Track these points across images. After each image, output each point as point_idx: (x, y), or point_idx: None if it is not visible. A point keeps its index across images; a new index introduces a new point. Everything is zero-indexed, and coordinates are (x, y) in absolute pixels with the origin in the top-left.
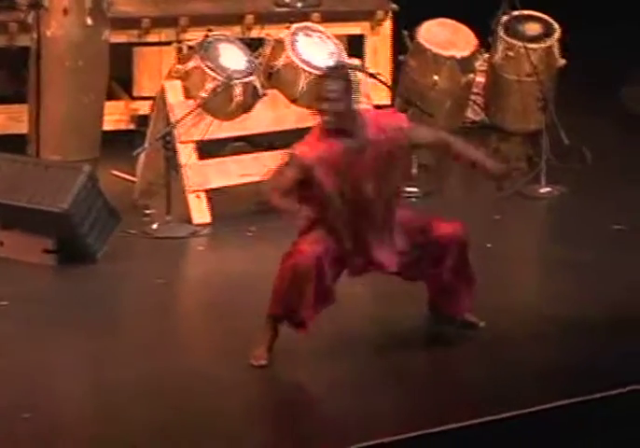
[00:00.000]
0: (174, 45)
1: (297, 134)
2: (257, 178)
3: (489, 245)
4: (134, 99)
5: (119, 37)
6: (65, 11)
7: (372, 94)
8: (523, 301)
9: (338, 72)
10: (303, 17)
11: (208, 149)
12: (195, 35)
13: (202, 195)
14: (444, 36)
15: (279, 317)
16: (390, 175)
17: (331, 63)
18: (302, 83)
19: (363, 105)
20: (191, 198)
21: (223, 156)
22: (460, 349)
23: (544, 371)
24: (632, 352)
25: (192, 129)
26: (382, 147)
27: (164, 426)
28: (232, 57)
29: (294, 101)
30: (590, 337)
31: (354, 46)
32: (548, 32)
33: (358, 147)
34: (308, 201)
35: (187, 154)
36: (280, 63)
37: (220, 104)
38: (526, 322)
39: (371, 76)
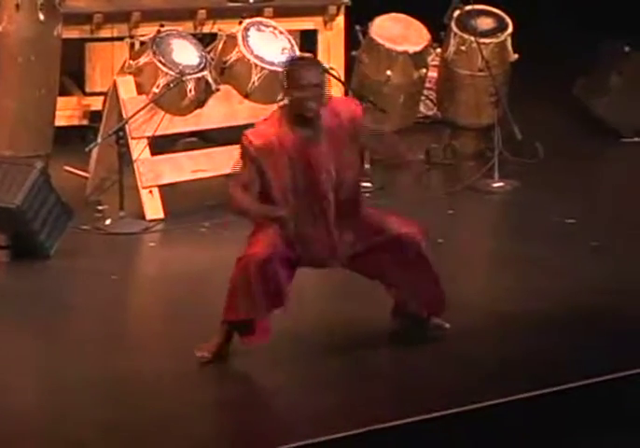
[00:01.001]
0: (127, 40)
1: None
2: (209, 174)
3: (440, 241)
4: (87, 95)
5: (72, 33)
6: (17, 7)
7: None
8: (472, 297)
9: (312, 60)
10: (256, 12)
11: (161, 145)
12: (147, 31)
13: (155, 191)
14: (397, 31)
15: (233, 324)
16: (345, 164)
17: (284, 57)
18: (255, 78)
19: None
20: (144, 194)
21: (176, 152)
22: (412, 345)
23: (490, 366)
24: (580, 346)
25: (145, 124)
26: (337, 134)
27: (114, 424)
28: (185, 52)
29: (246, 96)
30: (537, 332)
31: (307, 41)
32: (500, 26)
33: (313, 135)
34: (263, 193)
35: (139, 150)
36: (232, 58)
37: (173, 99)
38: (474, 318)
39: (325, 71)
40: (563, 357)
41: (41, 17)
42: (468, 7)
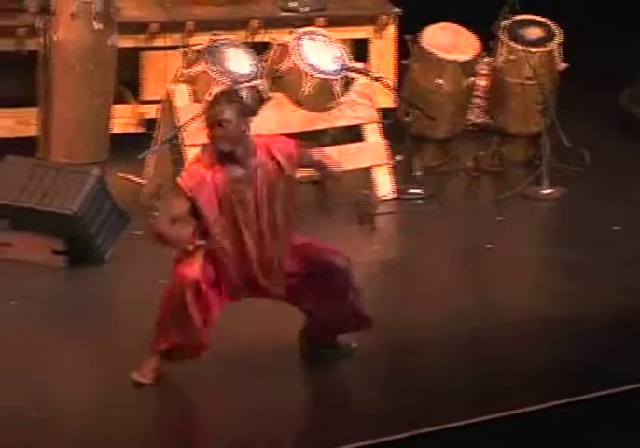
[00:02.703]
0: (181, 49)
1: (301, 137)
2: None
3: (489, 246)
4: (142, 103)
5: (127, 42)
6: (73, 16)
7: (376, 98)
8: (518, 301)
9: (230, 96)
10: (308, 21)
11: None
12: (201, 40)
13: None
14: (447, 40)
15: (166, 353)
16: (277, 203)
17: (337, 66)
18: (307, 87)
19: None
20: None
21: None
22: (454, 349)
23: (533, 370)
24: (624, 352)
25: (198, 132)
26: (269, 175)
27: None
28: (238, 61)
29: (299, 104)
30: (582, 337)
31: (359, 50)
32: (549, 36)
33: (245, 174)
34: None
35: (193, 156)
36: (285, 66)
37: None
38: (519, 322)
39: (375, 79)
40: (606, 363)
41: (96, 26)
42: (517, 17)
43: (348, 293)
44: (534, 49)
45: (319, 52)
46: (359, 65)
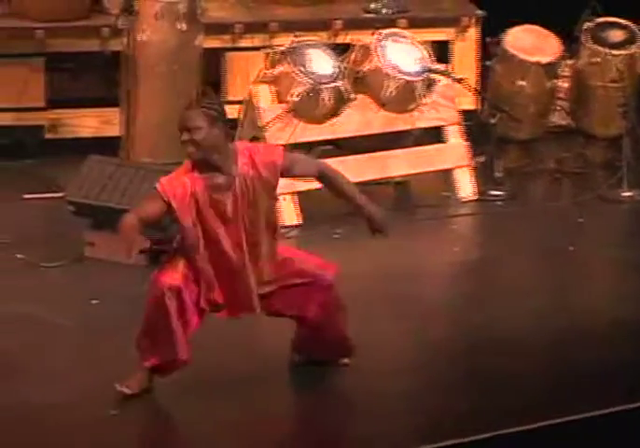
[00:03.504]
0: (264, 50)
1: (384, 138)
2: None
3: (571, 248)
4: (226, 103)
5: (212, 42)
6: (157, 16)
7: (458, 100)
8: (597, 303)
9: (201, 103)
10: (390, 23)
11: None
12: (284, 41)
13: (291, 198)
14: (530, 42)
15: (156, 368)
16: (258, 211)
17: (419, 67)
18: (390, 88)
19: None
20: (280, 200)
21: None
22: (533, 349)
23: (613, 373)
24: None
25: (281, 132)
26: (250, 183)
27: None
28: (320, 62)
29: (382, 105)
30: None
31: (441, 52)
32: (631, 38)
33: (224, 182)
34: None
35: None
36: (367, 68)
37: (308, 107)
38: (596, 323)
39: (457, 81)
40: None
41: (182, 27)
42: (600, 20)
43: (332, 309)
44: (616, 52)
45: (401, 54)
46: (441, 67)
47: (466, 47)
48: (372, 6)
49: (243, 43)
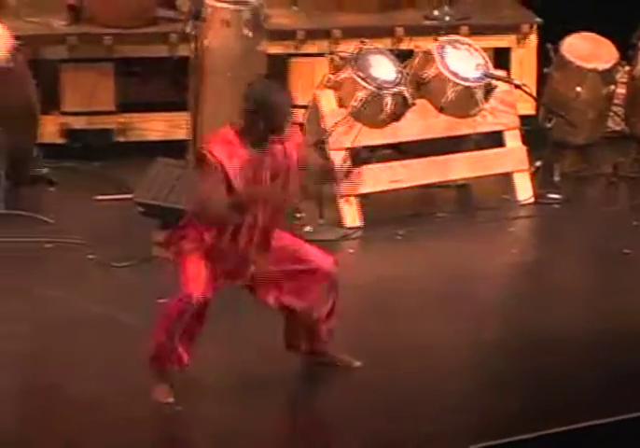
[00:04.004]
0: (327, 56)
1: (444, 142)
2: (405, 184)
3: (626, 251)
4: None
5: (276, 48)
6: (224, 23)
7: (517, 105)
8: None
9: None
10: (451, 30)
11: (358, 156)
12: (347, 47)
13: (354, 200)
14: (587, 49)
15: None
16: (281, 188)
17: (479, 73)
18: (450, 93)
19: None
20: (343, 202)
21: (373, 163)
22: (585, 350)
23: None
24: None
25: (344, 136)
26: (279, 160)
27: None
28: (383, 68)
29: (442, 110)
30: None
31: (501, 58)
32: None
33: (261, 156)
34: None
35: (339, 160)
36: (429, 73)
37: (371, 112)
38: None
39: (517, 86)
40: None
41: (247, 33)
42: None
43: (329, 298)
44: None
45: (462, 60)
46: (501, 73)
47: (525, 53)
48: (434, 13)
49: (306, 49)
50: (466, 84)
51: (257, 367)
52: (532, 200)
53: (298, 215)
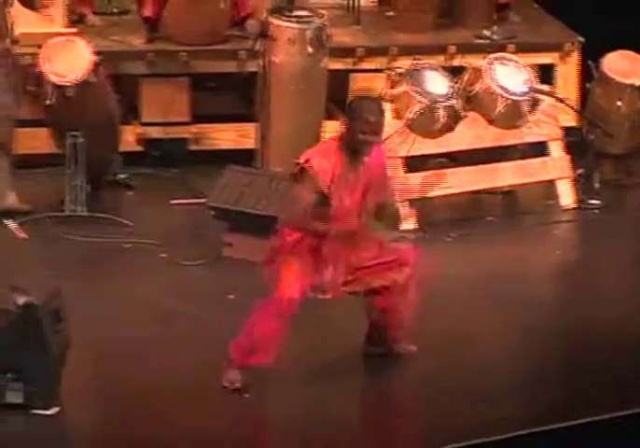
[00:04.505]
0: (385, 71)
1: (493, 151)
2: (456, 190)
3: None
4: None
5: (337, 64)
6: (290, 41)
7: (560, 117)
8: None
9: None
10: (500, 48)
11: (413, 164)
12: (404, 63)
13: (408, 204)
14: (625, 66)
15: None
16: (369, 200)
17: (525, 88)
18: (499, 107)
19: None
20: (400, 206)
21: (427, 170)
22: (623, 347)
23: None
24: None
25: (399, 146)
26: (371, 173)
27: None
28: (436, 83)
29: (491, 122)
30: None
31: (546, 74)
32: None
33: (356, 167)
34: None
35: (394, 168)
36: (478, 88)
37: (425, 124)
38: None
39: (560, 100)
40: None
41: (310, 50)
42: None
43: (409, 290)
44: None
45: (509, 76)
46: (546, 88)
47: (568, 69)
48: (484, 32)
49: (365, 65)
50: (514, 98)
51: (327, 353)
52: (573, 205)
53: None
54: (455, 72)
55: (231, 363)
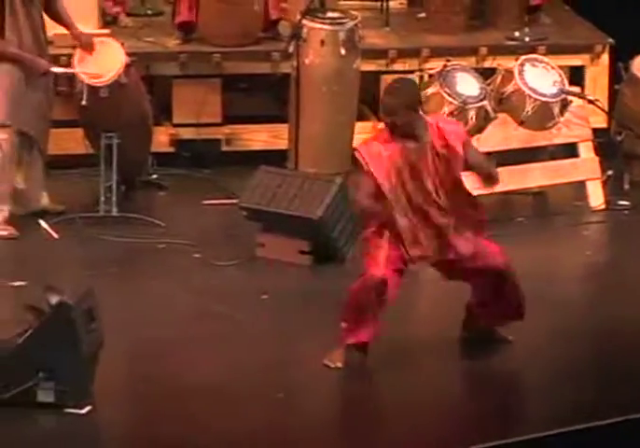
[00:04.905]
0: (417, 73)
1: (523, 152)
2: (487, 191)
3: None
4: (381, 120)
5: (369, 66)
6: (322, 43)
7: (591, 119)
8: None
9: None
10: (530, 49)
11: None
12: (435, 65)
13: None
14: None
15: (355, 345)
16: (448, 175)
17: (555, 89)
18: (529, 108)
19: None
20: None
21: None
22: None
23: None
24: None
25: None
26: (439, 150)
27: None
28: (467, 84)
29: (521, 123)
30: None
31: (576, 75)
32: None
33: (417, 148)
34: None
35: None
36: (509, 89)
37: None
38: None
39: (590, 102)
40: None
41: (342, 52)
42: None
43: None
44: None
45: (540, 77)
46: (576, 89)
47: (598, 71)
48: (515, 34)
49: (397, 67)
50: (544, 99)
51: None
52: (603, 206)
53: None
54: (486, 73)
55: (342, 342)
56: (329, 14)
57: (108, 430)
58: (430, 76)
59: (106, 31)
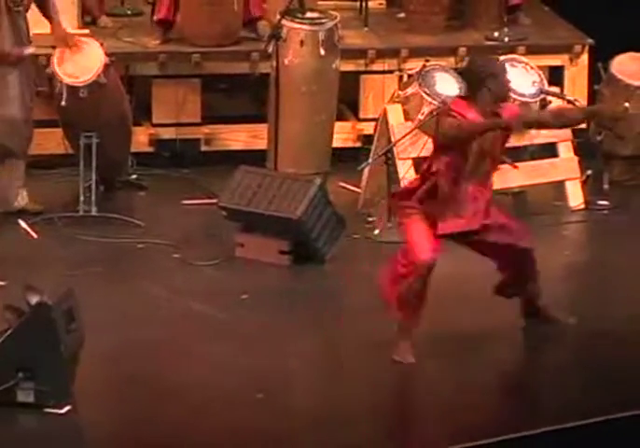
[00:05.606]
0: (396, 73)
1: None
2: None
3: None
4: (360, 120)
5: (348, 66)
6: (301, 43)
7: None
8: None
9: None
10: (510, 49)
11: None
12: (414, 65)
13: None
14: (634, 68)
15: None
16: (499, 153)
17: (534, 89)
18: None
19: None
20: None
21: None
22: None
23: None
24: None
25: (410, 147)
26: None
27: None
28: (446, 84)
29: None
30: None
31: (555, 76)
32: None
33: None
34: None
35: (405, 169)
36: None
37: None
38: None
39: (569, 102)
40: None
41: (322, 52)
42: None
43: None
44: None
45: (519, 77)
46: (555, 89)
47: (577, 72)
48: (494, 34)
49: (376, 67)
50: (523, 99)
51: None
52: (582, 206)
53: (369, 219)
54: None
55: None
56: (309, 14)
57: (90, 431)
58: (409, 76)
59: (86, 31)
